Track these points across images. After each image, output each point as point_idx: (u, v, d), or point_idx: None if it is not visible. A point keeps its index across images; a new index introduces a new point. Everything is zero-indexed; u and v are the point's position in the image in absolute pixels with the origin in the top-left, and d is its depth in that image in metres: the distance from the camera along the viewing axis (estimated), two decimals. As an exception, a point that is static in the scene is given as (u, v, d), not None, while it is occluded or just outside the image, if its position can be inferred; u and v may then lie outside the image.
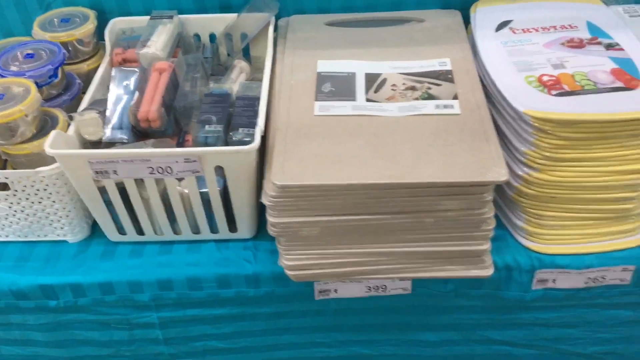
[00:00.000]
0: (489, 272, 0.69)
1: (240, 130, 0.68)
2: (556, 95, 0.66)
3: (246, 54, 0.87)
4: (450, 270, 0.69)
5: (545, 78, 0.69)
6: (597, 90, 0.66)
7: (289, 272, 0.69)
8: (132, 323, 0.77)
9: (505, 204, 0.75)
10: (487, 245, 0.67)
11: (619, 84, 0.67)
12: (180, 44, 0.83)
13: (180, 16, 0.84)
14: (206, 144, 0.67)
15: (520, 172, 0.69)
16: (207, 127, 0.68)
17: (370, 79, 0.74)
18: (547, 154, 0.66)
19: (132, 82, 0.72)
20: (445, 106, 0.69)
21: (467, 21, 0.83)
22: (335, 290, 0.74)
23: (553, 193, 0.69)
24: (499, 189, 0.74)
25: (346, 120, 0.68)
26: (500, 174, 0.60)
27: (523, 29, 0.78)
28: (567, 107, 0.65)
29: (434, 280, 0.73)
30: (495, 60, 0.73)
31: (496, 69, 0.71)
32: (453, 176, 0.60)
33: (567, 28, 0.77)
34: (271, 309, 0.76)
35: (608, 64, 0.70)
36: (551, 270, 0.72)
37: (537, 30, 0.77)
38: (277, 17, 0.86)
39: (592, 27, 0.77)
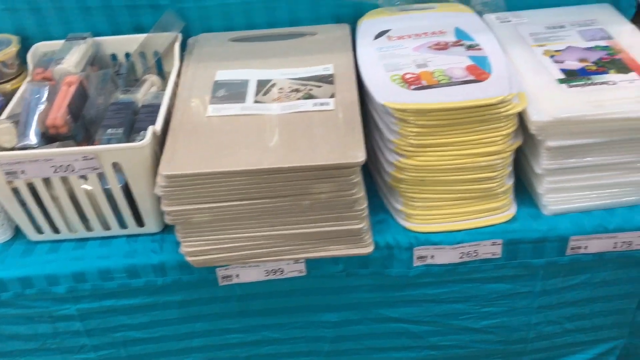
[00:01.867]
0: (369, 249, 0.77)
1: (142, 133, 0.77)
2: (415, 89, 0.75)
3: (161, 69, 0.95)
4: (334, 250, 0.77)
5: (408, 76, 0.78)
6: (451, 83, 0.76)
7: (188, 258, 0.76)
8: (54, 316, 0.83)
9: (387, 190, 0.83)
10: (363, 224, 0.75)
11: (471, 78, 0.76)
12: (96, 63, 0.92)
13: (97, 38, 0.93)
14: (109, 146, 0.75)
15: (392, 160, 0.78)
16: (109, 130, 0.76)
17: (261, 84, 0.83)
18: (411, 141, 0.75)
19: (43, 94, 0.80)
20: (322, 104, 0.78)
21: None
22: (237, 276, 0.81)
23: (421, 176, 0.77)
24: (381, 176, 0.82)
25: (234, 119, 0.77)
26: (356, 157, 0.69)
27: (398, 37, 0.87)
28: (422, 98, 0.74)
29: (326, 262, 0.81)
30: (369, 63, 0.82)
31: (368, 70, 0.81)
32: (316, 160, 0.69)
33: (436, 34, 0.87)
34: (180, 296, 0.83)
35: (466, 61, 0.80)
36: (427, 247, 0.80)
37: (410, 37, 0.87)
38: (187, 36, 0.96)
39: (459, 32, 0.87)
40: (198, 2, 0.93)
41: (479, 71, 0.78)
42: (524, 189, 0.84)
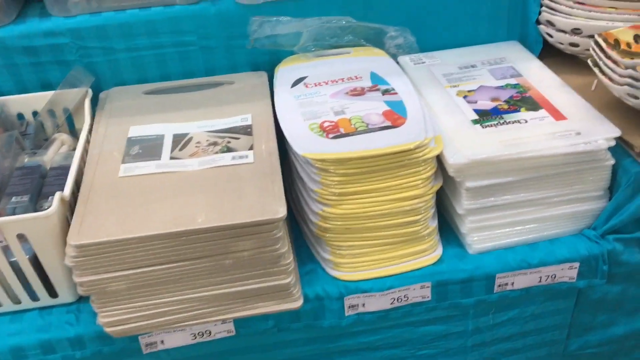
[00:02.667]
0: (298, 303, 0.75)
1: (50, 198, 0.72)
2: (332, 137, 0.75)
3: (73, 126, 0.91)
4: (262, 307, 0.74)
5: (326, 124, 0.78)
6: (369, 130, 0.76)
7: (107, 329, 0.72)
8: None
9: (314, 239, 0.82)
10: (290, 279, 0.73)
11: (387, 123, 0.77)
12: (1, 124, 0.86)
13: (1, 97, 0.88)
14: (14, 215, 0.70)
15: (316, 210, 0.77)
16: (13, 199, 0.72)
17: (177, 139, 0.80)
18: (333, 190, 0.74)
19: (-61, 163, 0.74)
20: (241, 157, 0.76)
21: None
22: (162, 342, 0.77)
23: (347, 225, 0.77)
24: (307, 226, 0.81)
25: (148, 179, 0.74)
26: (277, 212, 0.67)
27: (315, 83, 0.87)
28: (340, 147, 0.73)
29: (255, 319, 0.78)
30: (287, 112, 0.81)
31: (286, 119, 0.80)
32: (235, 218, 0.66)
33: (352, 79, 0.87)
34: (102, 368, 0.78)
35: (382, 107, 0.80)
36: (358, 295, 0.78)
37: (326, 84, 0.87)
38: (99, 90, 0.92)
39: (374, 77, 0.88)
40: (107, 56, 0.90)
41: (395, 116, 0.78)
42: (449, 229, 0.85)
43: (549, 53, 0.99)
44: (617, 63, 0.77)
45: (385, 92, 0.84)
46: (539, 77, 0.90)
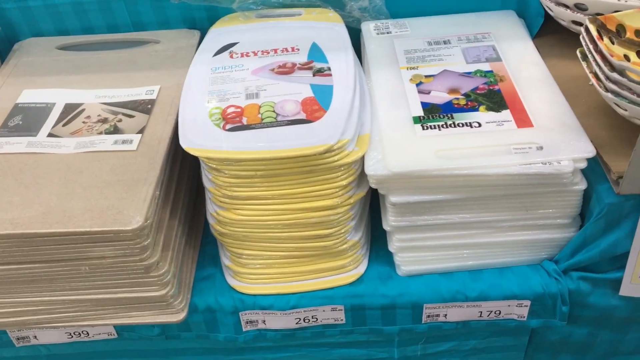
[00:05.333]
0: (179, 317, 0.65)
1: None
2: (229, 130, 0.62)
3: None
4: (138, 317, 0.65)
5: (230, 110, 0.64)
6: (275, 123, 0.62)
7: (-36, 323, 0.65)
8: None
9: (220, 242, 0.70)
10: (165, 291, 0.62)
11: (301, 116, 0.62)
12: None
13: None
14: None
15: (211, 211, 0.65)
16: None
17: (69, 109, 0.69)
18: (226, 192, 0.62)
19: None
20: (124, 141, 0.64)
21: (208, 42, 0.79)
22: (35, 337, 0.70)
23: (245, 232, 0.65)
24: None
25: (12, 160, 0.63)
26: (129, 222, 0.55)
27: (242, 53, 0.73)
28: (232, 143, 0.60)
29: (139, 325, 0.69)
30: (194, 90, 0.68)
31: (188, 99, 0.67)
32: (77, 224, 0.56)
33: (287, 51, 0.73)
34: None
35: (305, 92, 0.66)
36: (256, 312, 0.67)
37: (255, 55, 0.72)
38: (15, 40, 0.82)
39: (314, 50, 0.72)
40: (18, 2, 0.79)
41: (314, 107, 0.63)
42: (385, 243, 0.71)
43: (552, 29, 0.79)
44: (607, 61, 0.59)
45: (318, 71, 0.69)
46: (521, 63, 0.72)
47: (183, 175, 0.71)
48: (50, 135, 0.66)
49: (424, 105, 0.66)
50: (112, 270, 0.60)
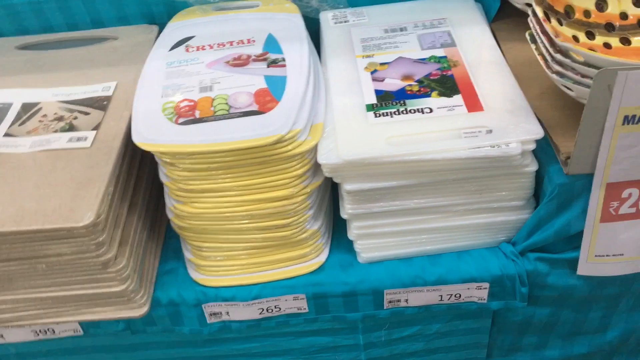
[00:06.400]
0: (141, 311, 0.65)
1: None
2: (181, 124, 0.62)
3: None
4: (100, 313, 0.65)
5: (183, 104, 0.64)
6: (228, 115, 0.62)
7: None
8: None
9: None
10: (124, 286, 0.63)
11: (254, 108, 0.63)
12: None
13: None
14: None
15: (169, 204, 0.66)
16: None
17: (26, 108, 0.69)
18: (181, 185, 0.62)
19: None
20: (79, 139, 0.64)
21: (167, 37, 0.79)
22: (2, 336, 0.70)
23: (203, 224, 0.65)
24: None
25: (-32, 161, 0.64)
26: (79, 219, 0.56)
27: (198, 47, 0.73)
28: (184, 136, 0.60)
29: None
30: (148, 85, 0.68)
31: (142, 94, 0.67)
32: (30, 222, 0.56)
33: (243, 43, 0.73)
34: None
35: (259, 83, 0.66)
36: (219, 304, 0.68)
37: (211, 48, 0.72)
38: (-26, 42, 0.82)
39: (270, 41, 0.73)
40: (-25, 3, 0.79)
41: (266, 98, 0.64)
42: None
43: (510, 13, 0.79)
44: (552, 42, 0.59)
45: (272, 62, 0.69)
46: (475, 48, 0.72)
47: (143, 171, 0.71)
48: (6, 135, 0.66)
49: (378, 92, 0.67)
50: (70, 267, 0.60)
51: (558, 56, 0.57)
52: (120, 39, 0.79)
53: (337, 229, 0.72)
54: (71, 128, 0.66)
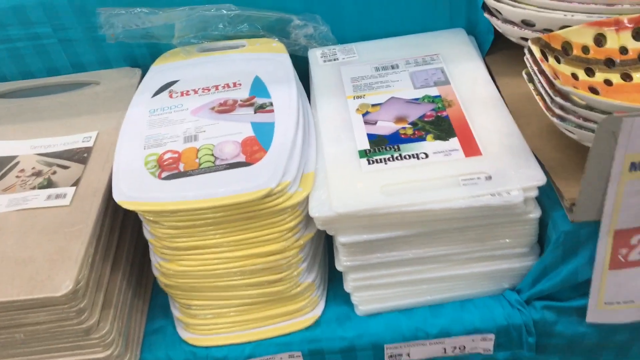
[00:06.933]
0: (126, 377, 0.62)
1: None
2: (165, 178, 0.59)
3: None
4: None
5: (167, 156, 0.61)
6: (214, 168, 0.59)
7: None
8: None
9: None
10: (108, 352, 0.59)
11: (241, 158, 0.60)
12: None
13: None
14: None
15: (154, 262, 0.62)
16: None
17: (3, 163, 0.66)
18: (166, 243, 0.59)
19: None
20: (58, 196, 0.61)
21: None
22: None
23: (191, 282, 0.62)
24: (157, 274, 0.67)
25: (-59, 224, 0.60)
26: (58, 287, 0.52)
27: (182, 92, 0.70)
28: (167, 193, 0.57)
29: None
30: (130, 135, 0.65)
31: (124, 146, 0.64)
32: (5, 292, 0.52)
33: (229, 87, 0.70)
34: None
35: (245, 131, 0.63)
36: (210, 364, 0.65)
37: (196, 93, 0.70)
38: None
39: (257, 84, 0.70)
40: (-50, 50, 0.76)
41: (254, 148, 0.61)
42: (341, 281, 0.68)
43: (503, 46, 0.77)
44: (551, 84, 0.56)
45: (259, 107, 0.66)
46: (470, 85, 0.69)
47: (127, 226, 0.68)
48: (-19, 193, 0.63)
49: (370, 137, 0.64)
50: (50, 335, 0.57)
51: (558, 99, 0.54)
52: (102, 83, 0.76)
53: (332, 280, 0.69)
54: (50, 184, 0.63)
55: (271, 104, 0.66)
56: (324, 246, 0.69)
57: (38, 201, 0.61)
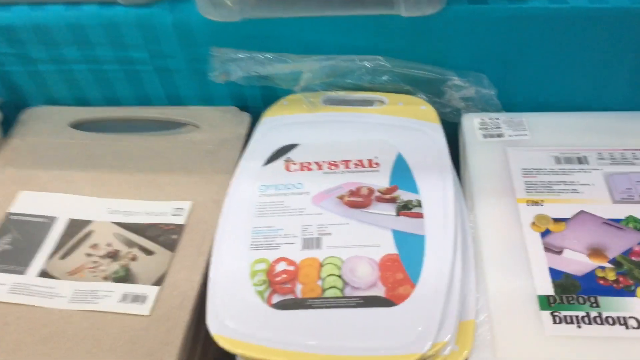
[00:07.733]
0: None
1: None
2: (277, 306, 0.44)
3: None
4: None
5: (280, 267, 0.46)
6: (343, 301, 0.43)
7: None
8: None
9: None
10: None
11: (379, 291, 0.44)
12: None
13: None
14: None
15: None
16: None
17: (72, 229, 0.53)
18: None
19: None
20: (136, 298, 0.47)
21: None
22: None
23: None
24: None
25: (-11, 313, 0.48)
26: None
27: (302, 164, 0.54)
28: (279, 332, 0.42)
29: None
30: (233, 223, 0.50)
31: (225, 238, 0.49)
32: None
33: (363, 166, 0.54)
34: None
35: (385, 243, 0.47)
36: None
37: (320, 168, 0.54)
38: (25, 106, 0.66)
39: (399, 167, 0.53)
40: (26, 66, 0.62)
41: (397, 276, 0.44)
42: None
43: None
44: None
45: (403, 207, 0.50)
46: None
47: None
48: (42, 273, 0.50)
49: (554, 275, 0.46)
50: None
51: None
52: (202, 128, 0.61)
53: None
54: (127, 277, 0.49)
55: (419, 204, 0.50)
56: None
57: (110, 302, 0.47)
